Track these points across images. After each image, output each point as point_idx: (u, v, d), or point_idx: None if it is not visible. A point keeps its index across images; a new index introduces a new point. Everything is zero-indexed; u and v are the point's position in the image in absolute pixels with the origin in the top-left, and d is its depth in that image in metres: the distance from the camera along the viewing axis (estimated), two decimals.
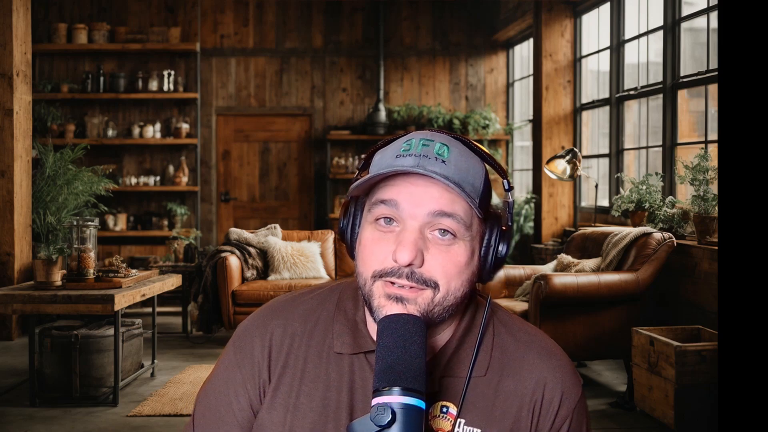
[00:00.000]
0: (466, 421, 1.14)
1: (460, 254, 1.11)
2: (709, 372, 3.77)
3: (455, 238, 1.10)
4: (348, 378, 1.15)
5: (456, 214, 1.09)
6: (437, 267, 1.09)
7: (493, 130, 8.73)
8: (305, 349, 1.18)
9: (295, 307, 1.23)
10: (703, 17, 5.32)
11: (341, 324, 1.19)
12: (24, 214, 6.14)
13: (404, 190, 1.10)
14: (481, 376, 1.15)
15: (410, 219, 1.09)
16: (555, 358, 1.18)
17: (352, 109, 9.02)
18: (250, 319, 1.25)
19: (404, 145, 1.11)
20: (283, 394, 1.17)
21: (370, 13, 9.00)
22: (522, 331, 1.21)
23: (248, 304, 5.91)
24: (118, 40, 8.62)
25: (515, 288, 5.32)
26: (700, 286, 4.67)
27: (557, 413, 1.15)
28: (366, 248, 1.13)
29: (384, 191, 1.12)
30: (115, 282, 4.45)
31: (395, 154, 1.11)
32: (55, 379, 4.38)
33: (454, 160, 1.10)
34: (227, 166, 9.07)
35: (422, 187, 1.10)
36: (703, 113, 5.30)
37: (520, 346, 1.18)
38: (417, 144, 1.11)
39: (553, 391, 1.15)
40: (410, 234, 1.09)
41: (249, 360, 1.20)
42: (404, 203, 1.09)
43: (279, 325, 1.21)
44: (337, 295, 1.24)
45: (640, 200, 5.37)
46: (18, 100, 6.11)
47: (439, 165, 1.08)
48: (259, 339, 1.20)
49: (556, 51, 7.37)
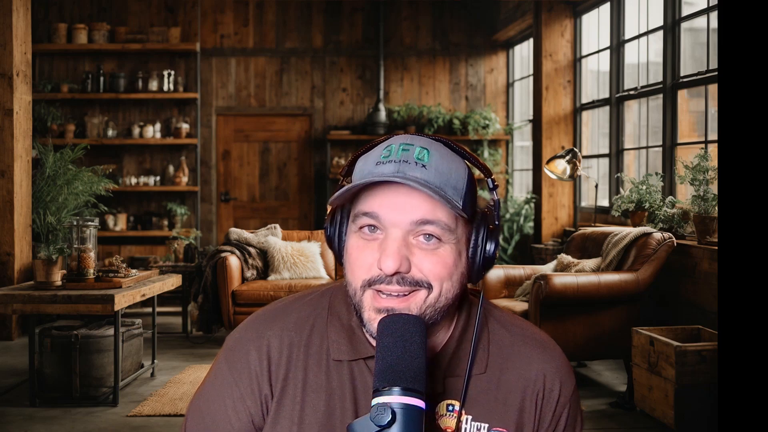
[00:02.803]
0: (473, 417, 1.15)
1: (447, 256, 1.10)
2: (709, 372, 3.77)
3: (440, 242, 1.10)
4: (350, 385, 1.15)
5: (439, 220, 1.09)
6: (426, 269, 1.09)
7: (493, 130, 8.73)
8: (304, 359, 1.17)
9: (287, 315, 1.20)
10: (703, 17, 5.32)
11: (337, 330, 1.18)
12: (24, 214, 6.14)
13: (385, 200, 1.09)
14: (482, 373, 1.16)
15: (392, 227, 1.09)
16: (549, 350, 1.21)
17: (352, 109, 9.02)
18: (241, 331, 1.21)
19: (384, 152, 1.11)
20: (287, 406, 1.15)
21: (370, 13, 9.00)
22: (515, 326, 1.22)
23: (248, 304, 5.91)
24: (118, 40, 8.62)
25: (515, 288, 5.32)
26: (700, 286, 4.67)
27: (558, 401, 1.18)
28: (352, 256, 1.12)
29: (365, 201, 1.11)
30: (115, 282, 4.45)
31: (375, 161, 1.10)
32: (55, 379, 4.38)
33: (435, 164, 1.09)
34: (227, 166, 9.07)
35: (403, 195, 1.08)
36: (703, 113, 5.30)
37: (516, 339, 1.20)
38: (396, 149, 1.10)
39: (553, 380, 1.18)
40: (393, 242, 1.08)
41: (246, 374, 1.16)
42: (386, 213, 1.09)
43: (274, 335, 1.18)
44: (328, 300, 1.22)
45: (640, 200, 5.37)
46: (18, 100, 6.11)
47: (420, 170, 1.07)
48: (255, 351, 1.17)
49: (556, 51, 7.37)
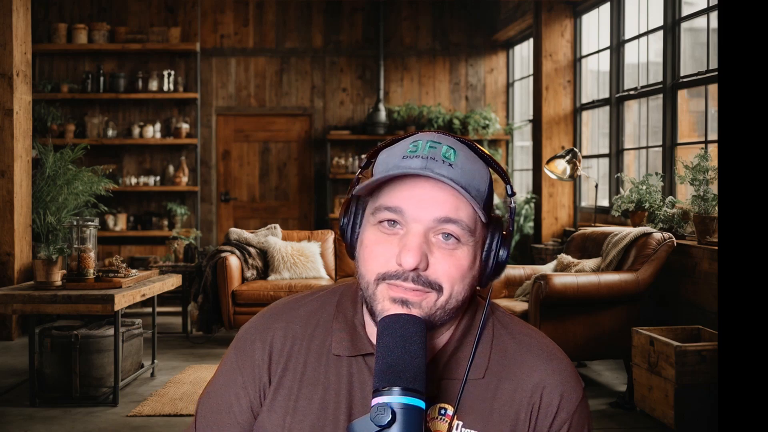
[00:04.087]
0: (465, 423, 1.13)
1: (464, 258, 1.10)
2: (709, 372, 3.77)
3: (459, 242, 1.10)
4: (346, 380, 1.15)
5: (461, 220, 1.09)
6: (441, 271, 1.09)
7: (493, 130, 8.73)
8: (305, 352, 1.19)
9: (296, 310, 1.23)
10: (703, 17, 5.32)
11: (340, 326, 1.19)
12: (24, 214, 6.14)
13: (409, 193, 1.09)
14: (479, 379, 1.14)
15: (414, 223, 1.09)
16: (555, 361, 1.17)
17: (352, 109, 9.02)
18: (252, 322, 1.25)
19: (411, 146, 1.11)
20: (282, 396, 1.17)
21: (370, 13, 9.00)
22: (522, 333, 1.19)
23: (248, 304, 5.91)
24: (118, 40, 8.62)
25: (515, 288, 5.32)
26: (700, 286, 4.67)
27: (555, 416, 1.14)
28: (368, 249, 1.12)
29: (389, 195, 1.10)
30: (115, 282, 4.45)
31: (402, 154, 1.10)
32: (55, 379, 4.38)
33: (461, 164, 1.09)
34: (227, 166, 9.07)
35: (428, 190, 1.09)
36: (703, 113, 5.30)
37: (521, 347, 1.17)
38: (424, 146, 1.10)
39: (552, 394, 1.14)
40: (415, 238, 1.08)
41: (249, 362, 1.20)
42: (409, 208, 1.09)
43: (280, 328, 1.21)
44: (338, 297, 1.24)
45: (640, 200, 5.37)
46: (18, 100, 6.11)
47: (447, 168, 1.08)
48: (260, 341, 1.21)
49: (556, 51, 7.37)
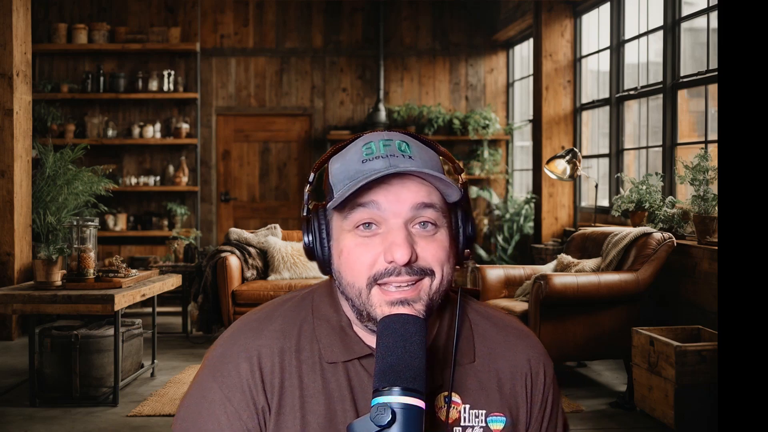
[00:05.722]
0: (471, 405, 1.17)
1: (444, 240, 1.13)
2: (709, 372, 3.77)
3: (436, 227, 1.12)
4: (347, 386, 1.14)
5: (435, 203, 1.12)
6: (430, 256, 1.11)
7: (493, 130, 8.73)
8: (297, 365, 1.14)
9: (271, 323, 1.17)
10: (703, 17, 5.32)
11: (326, 332, 1.16)
12: (24, 214, 6.14)
13: (381, 191, 1.10)
14: (471, 363, 1.19)
15: (393, 217, 1.10)
16: (531, 337, 1.27)
17: (352, 109, 9.02)
18: (225, 346, 1.17)
19: (365, 149, 1.12)
20: (287, 415, 1.13)
21: (370, 13, 9.00)
22: (496, 317, 1.26)
23: (248, 304, 5.90)
24: (118, 40, 8.62)
25: (515, 288, 5.32)
26: (700, 286, 4.67)
27: (545, 383, 1.23)
28: (351, 255, 1.11)
29: (360, 196, 1.10)
30: (115, 282, 4.45)
31: (359, 159, 1.11)
32: (55, 379, 4.38)
33: (417, 154, 1.13)
34: (227, 166, 9.07)
35: (398, 185, 1.10)
36: (703, 113, 5.30)
37: (500, 330, 1.24)
38: (378, 146, 1.12)
39: (538, 365, 1.23)
40: (399, 232, 1.09)
41: (238, 388, 1.12)
42: (385, 203, 1.10)
43: (264, 345, 1.15)
44: (310, 302, 1.20)
45: (640, 200, 5.37)
46: (18, 100, 6.11)
47: (409, 161, 1.10)
48: (246, 363, 1.13)
49: (556, 51, 7.37)
